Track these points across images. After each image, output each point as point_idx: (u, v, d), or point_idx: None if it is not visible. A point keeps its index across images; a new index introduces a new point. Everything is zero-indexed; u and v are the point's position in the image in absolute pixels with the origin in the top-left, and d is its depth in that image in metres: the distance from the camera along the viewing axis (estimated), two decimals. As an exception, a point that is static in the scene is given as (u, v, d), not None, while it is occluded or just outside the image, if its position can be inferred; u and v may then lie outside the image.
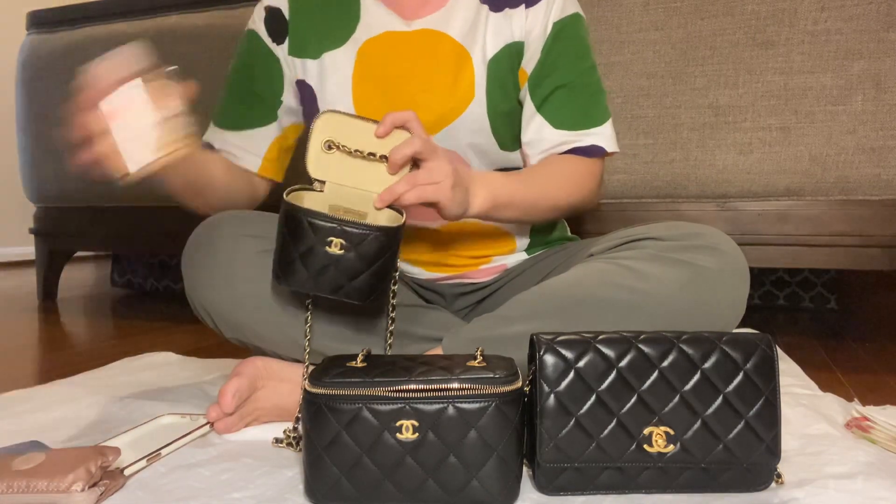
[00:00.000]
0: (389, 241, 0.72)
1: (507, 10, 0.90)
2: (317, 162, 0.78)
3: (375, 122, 0.78)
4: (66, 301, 2.17)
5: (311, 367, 0.84)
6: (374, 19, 0.91)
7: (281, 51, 0.94)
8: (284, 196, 0.73)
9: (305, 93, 0.93)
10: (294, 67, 0.94)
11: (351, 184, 0.79)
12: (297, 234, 0.71)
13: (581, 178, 0.89)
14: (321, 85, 0.91)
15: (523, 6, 0.89)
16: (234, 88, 0.96)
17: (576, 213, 0.95)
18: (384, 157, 0.78)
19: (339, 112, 0.78)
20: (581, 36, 0.91)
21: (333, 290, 0.73)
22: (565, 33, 0.90)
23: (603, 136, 0.90)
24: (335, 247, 0.71)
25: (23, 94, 2.09)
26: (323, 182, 0.79)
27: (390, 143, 0.79)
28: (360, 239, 0.71)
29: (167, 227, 1.94)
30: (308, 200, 0.78)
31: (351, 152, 0.78)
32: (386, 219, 0.78)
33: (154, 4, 1.93)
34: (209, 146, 0.95)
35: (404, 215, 0.76)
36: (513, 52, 0.89)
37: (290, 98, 0.96)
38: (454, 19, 0.89)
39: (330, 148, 0.78)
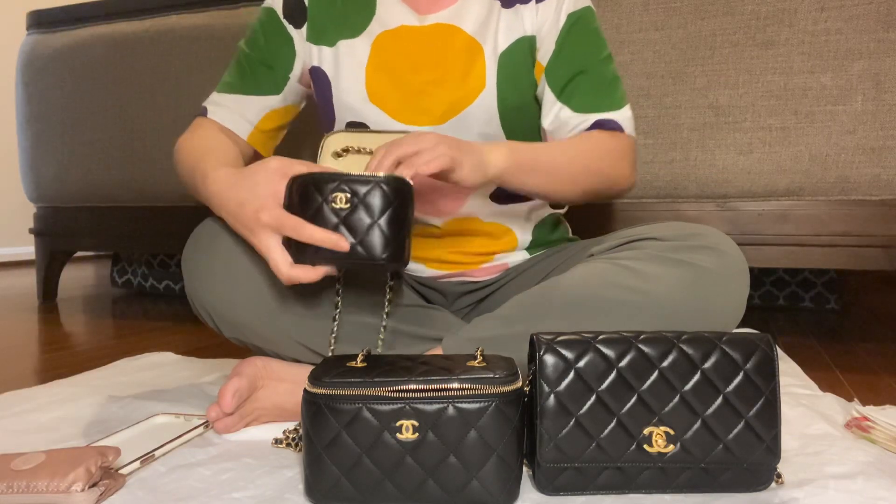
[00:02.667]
0: (395, 193, 0.70)
1: (518, 5, 0.91)
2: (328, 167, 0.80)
3: (380, 131, 0.81)
4: (66, 301, 2.17)
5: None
6: (390, 13, 0.92)
7: (298, 35, 0.94)
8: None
9: (320, 79, 0.94)
10: (310, 54, 0.94)
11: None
12: (304, 200, 0.69)
13: (611, 147, 0.88)
14: (336, 72, 0.92)
15: (533, 1, 0.91)
16: (243, 58, 0.95)
17: (610, 191, 0.90)
18: None
19: (347, 130, 0.81)
20: (594, 28, 0.93)
21: (346, 253, 0.70)
22: (579, 25, 0.91)
23: (623, 116, 0.91)
24: (340, 202, 0.69)
25: (23, 95, 2.09)
26: None
27: None
28: (364, 190, 0.69)
29: (167, 227, 1.94)
30: None
31: (361, 150, 0.80)
32: None
33: (154, 4, 1.93)
34: (202, 111, 0.94)
35: (412, 181, 0.74)
36: (525, 47, 0.91)
37: (297, 77, 0.96)
38: (467, 14, 0.91)
39: (339, 155, 0.79)
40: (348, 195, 0.69)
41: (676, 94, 1.40)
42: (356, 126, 0.92)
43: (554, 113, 0.91)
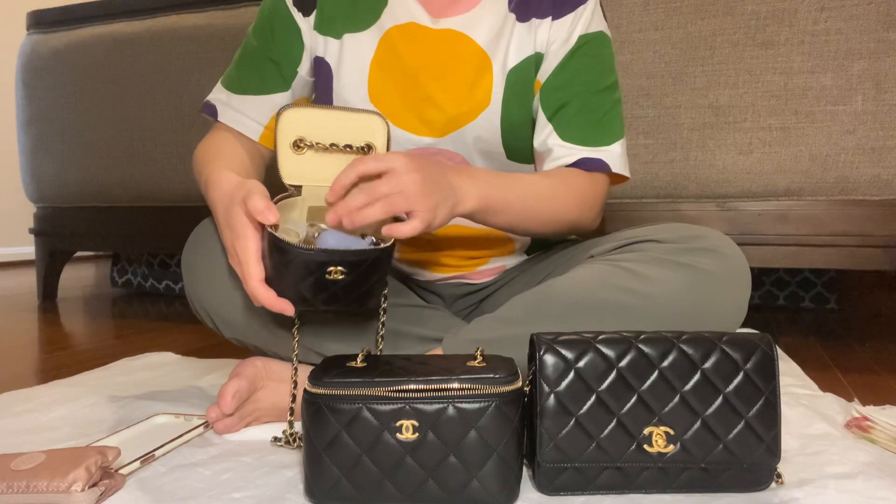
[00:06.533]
0: (387, 258, 0.70)
1: (533, 20, 0.89)
2: (288, 166, 0.74)
3: (346, 109, 0.74)
4: (66, 301, 2.17)
5: (298, 369, 0.84)
6: (402, 8, 0.90)
7: (305, 23, 0.91)
8: (270, 231, 0.67)
9: (322, 71, 0.91)
10: (316, 43, 0.92)
11: (328, 183, 0.73)
12: (289, 265, 0.67)
13: (585, 194, 0.87)
14: (339, 66, 0.90)
15: (550, 18, 0.88)
16: (249, 51, 0.93)
17: (574, 233, 0.92)
18: (362, 149, 0.74)
19: (304, 106, 0.74)
20: (602, 54, 0.89)
21: (328, 304, 0.70)
22: (586, 49, 0.88)
23: (611, 154, 0.88)
24: (336, 274, 0.67)
25: (23, 95, 2.09)
26: (299, 186, 0.75)
27: (366, 132, 0.74)
28: (359, 264, 0.68)
29: (167, 227, 1.94)
30: (286, 208, 0.75)
31: (326, 147, 0.74)
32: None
33: (154, 4, 1.93)
34: (210, 107, 0.92)
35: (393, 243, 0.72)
36: (532, 64, 0.89)
37: (306, 70, 0.93)
38: (481, 24, 0.88)
39: (299, 147, 0.73)
40: (342, 269, 0.67)
41: (676, 94, 1.40)
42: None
43: (544, 136, 0.89)
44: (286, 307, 0.69)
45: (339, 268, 0.67)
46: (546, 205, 0.84)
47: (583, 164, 0.87)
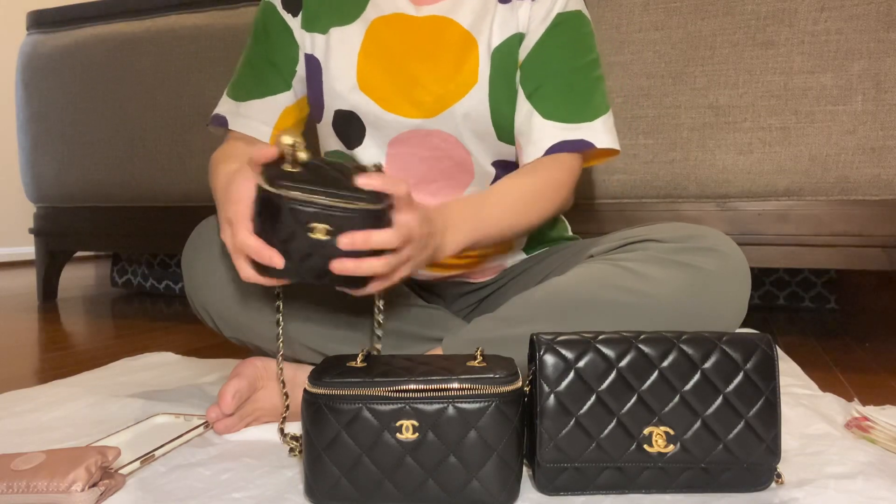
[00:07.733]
0: (377, 222, 0.66)
1: (514, 1, 0.90)
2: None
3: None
4: (66, 301, 2.17)
5: (283, 366, 0.84)
6: (385, 0, 0.91)
7: (295, 23, 0.93)
8: (258, 182, 0.65)
9: (312, 66, 0.93)
10: (304, 41, 0.93)
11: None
12: (276, 221, 0.64)
13: (559, 186, 0.87)
14: (327, 59, 0.91)
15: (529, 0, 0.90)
16: (249, 59, 0.95)
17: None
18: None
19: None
20: (580, 32, 0.90)
21: (318, 277, 0.67)
22: (564, 26, 0.89)
23: (593, 131, 0.88)
24: (319, 232, 0.64)
25: (23, 94, 2.09)
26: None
27: None
28: (345, 222, 0.64)
29: (167, 227, 1.94)
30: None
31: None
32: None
33: (154, 4, 1.93)
34: (220, 119, 0.93)
35: (390, 197, 0.67)
36: (516, 44, 0.90)
37: (303, 69, 0.95)
38: (463, 7, 0.90)
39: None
40: (328, 226, 0.64)
41: (676, 94, 1.40)
42: (345, 115, 0.89)
43: (524, 114, 0.89)
44: (275, 257, 0.65)
45: (325, 225, 0.64)
46: (522, 213, 0.84)
47: (563, 147, 0.87)
